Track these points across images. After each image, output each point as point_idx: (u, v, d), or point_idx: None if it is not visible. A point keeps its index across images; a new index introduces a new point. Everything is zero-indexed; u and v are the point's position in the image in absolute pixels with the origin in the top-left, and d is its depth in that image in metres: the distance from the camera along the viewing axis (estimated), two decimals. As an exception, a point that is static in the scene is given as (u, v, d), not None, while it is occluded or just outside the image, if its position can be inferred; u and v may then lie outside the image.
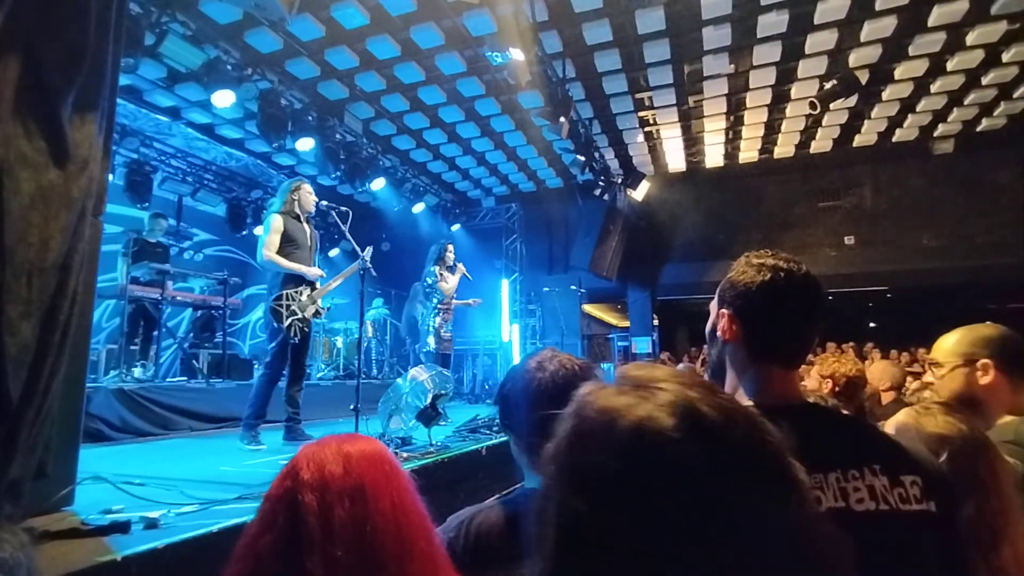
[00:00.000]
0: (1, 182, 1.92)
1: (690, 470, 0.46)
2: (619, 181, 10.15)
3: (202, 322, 7.29)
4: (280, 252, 4.14)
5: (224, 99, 6.31)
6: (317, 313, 4.24)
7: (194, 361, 6.69)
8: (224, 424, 5.26)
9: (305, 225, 4.36)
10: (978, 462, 1.17)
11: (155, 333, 6.42)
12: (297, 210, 4.32)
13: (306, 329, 4.15)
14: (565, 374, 1.29)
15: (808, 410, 1.00)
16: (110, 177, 8.28)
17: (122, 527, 1.91)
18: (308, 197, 4.39)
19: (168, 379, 6.70)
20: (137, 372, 5.74)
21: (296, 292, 4.11)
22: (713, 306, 1.11)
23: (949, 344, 1.64)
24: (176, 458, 3.79)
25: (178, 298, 6.59)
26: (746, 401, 1.00)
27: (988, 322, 1.66)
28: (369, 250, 4.19)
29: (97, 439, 4.28)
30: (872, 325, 14.91)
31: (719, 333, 1.06)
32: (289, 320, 4.00)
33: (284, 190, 4.40)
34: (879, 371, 3.01)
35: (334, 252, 11.21)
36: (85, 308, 2.31)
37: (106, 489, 2.47)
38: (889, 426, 1.39)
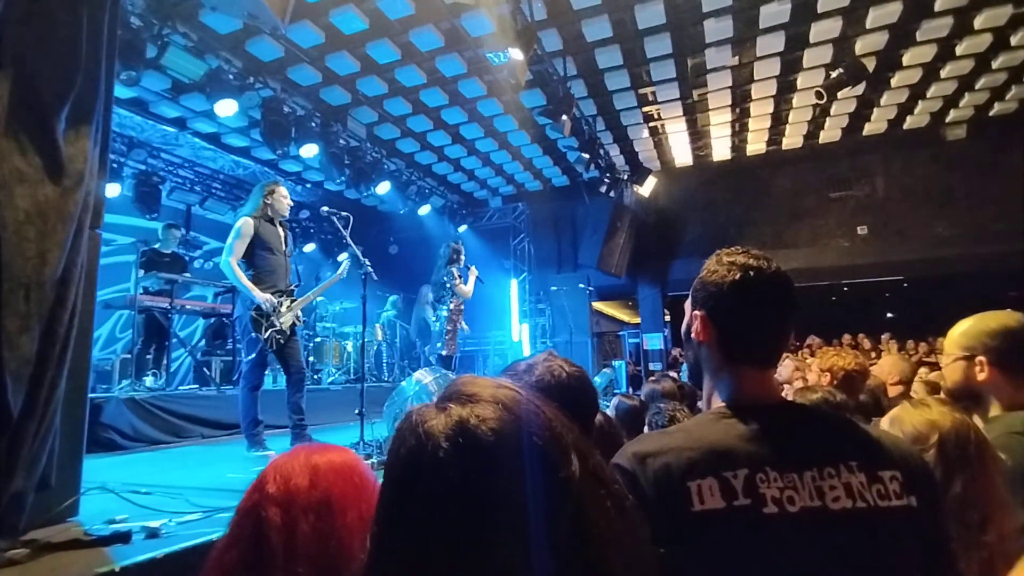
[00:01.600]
0: (-4, 198, 1.94)
1: (455, 483, 0.54)
2: (625, 177, 10.10)
3: (213, 330, 7.36)
4: (253, 257, 4.00)
5: (227, 108, 6.36)
6: (295, 323, 4.16)
7: (205, 369, 6.75)
8: (235, 431, 5.28)
9: (279, 229, 4.20)
10: (967, 444, 1.19)
11: (167, 343, 6.49)
12: (271, 213, 4.14)
13: (282, 341, 4.03)
14: (550, 381, 1.27)
15: (782, 409, 0.98)
16: (118, 189, 8.30)
17: (123, 537, 1.92)
18: (283, 200, 4.21)
19: (180, 387, 6.78)
20: (149, 381, 5.80)
21: (275, 303, 4.01)
22: (687, 306, 1.09)
23: (955, 335, 1.62)
24: (185, 466, 3.83)
25: (188, 307, 6.65)
26: (719, 403, 0.99)
27: (1008, 310, 1.62)
28: (346, 265, 4.32)
29: (109, 448, 4.33)
30: (889, 315, 14.69)
31: (693, 335, 1.04)
32: (268, 333, 3.93)
33: (257, 192, 4.20)
34: (888, 365, 2.96)
35: (342, 256, 11.26)
36: (85, 321, 2.33)
37: (111, 499, 2.49)
38: (885, 419, 1.38)
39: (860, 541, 0.82)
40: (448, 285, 5.71)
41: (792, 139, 9.99)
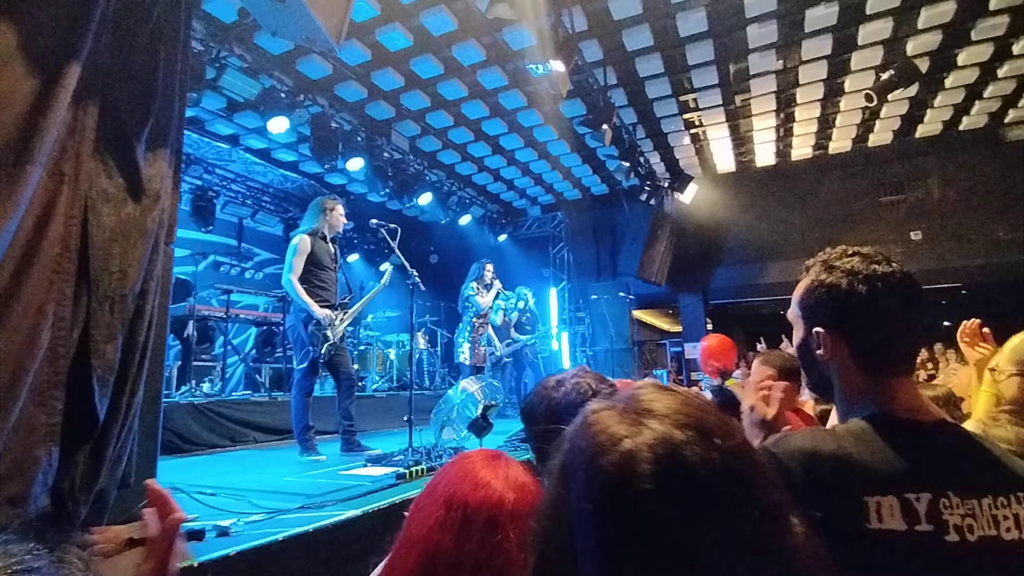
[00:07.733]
0: (86, 217, 2.10)
1: (661, 521, 0.47)
2: (666, 185, 10.01)
3: (263, 338, 7.64)
4: (308, 273, 4.14)
5: (279, 125, 6.62)
6: (344, 334, 4.30)
7: (257, 376, 7.00)
8: (286, 436, 5.47)
9: (331, 245, 4.35)
10: None
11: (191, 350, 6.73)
12: (326, 231, 4.30)
13: (333, 351, 4.17)
14: (576, 398, 1.31)
15: (945, 428, 0.93)
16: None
17: (197, 535, 2.04)
18: (340, 218, 4.36)
19: (234, 393, 7.05)
20: (206, 387, 6.06)
21: (333, 317, 4.15)
22: (795, 320, 1.03)
23: (1008, 350, 1.60)
24: (243, 469, 3.99)
25: (241, 316, 6.92)
26: (858, 420, 0.94)
27: None
28: (388, 275, 4.41)
29: (171, 451, 4.55)
30: (946, 324, 14.04)
31: (820, 353, 0.98)
32: (325, 347, 4.09)
33: (315, 209, 4.33)
34: (968, 377, 2.83)
35: (385, 266, 11.51)
36: (160, 330, 2.48)
37: (181, 499, 2.63)
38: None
39: None
40: (467, 295, 5.90)
41: (840, 143, 9.72)
